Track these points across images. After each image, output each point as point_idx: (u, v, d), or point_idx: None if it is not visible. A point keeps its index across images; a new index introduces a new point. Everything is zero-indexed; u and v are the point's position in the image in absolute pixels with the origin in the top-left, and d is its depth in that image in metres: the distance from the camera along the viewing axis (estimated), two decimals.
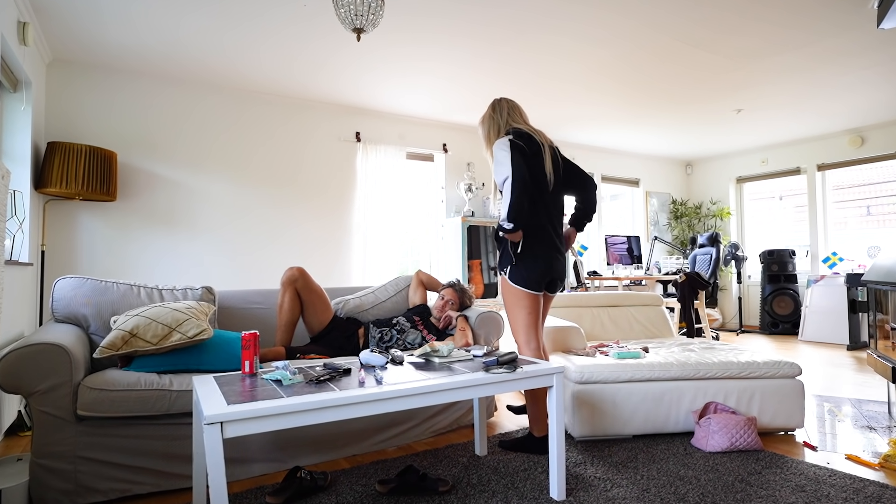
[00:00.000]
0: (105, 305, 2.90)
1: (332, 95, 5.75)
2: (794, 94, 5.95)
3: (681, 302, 6.45)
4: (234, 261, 5.45)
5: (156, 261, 5.05)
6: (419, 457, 2.94)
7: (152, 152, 5.09)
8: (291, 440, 2.82)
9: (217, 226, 5.37)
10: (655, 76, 5.32)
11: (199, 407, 1.93)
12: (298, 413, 1.85)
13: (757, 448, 2.98)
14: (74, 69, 4.76)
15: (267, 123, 5.69)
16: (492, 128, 3.01)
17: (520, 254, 2.87)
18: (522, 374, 2.32)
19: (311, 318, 3.44)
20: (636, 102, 6.16)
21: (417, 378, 2.19)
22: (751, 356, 3.37)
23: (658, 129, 7.39)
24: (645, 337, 4.43)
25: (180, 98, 5.23)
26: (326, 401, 1.89)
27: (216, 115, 5.41)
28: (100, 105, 4.87)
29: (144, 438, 2.52)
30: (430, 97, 5.87)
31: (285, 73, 5.06)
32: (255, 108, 5.62)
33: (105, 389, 2.42)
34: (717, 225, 9.17)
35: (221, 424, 1.72)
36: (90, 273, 4.74)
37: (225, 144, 5.45)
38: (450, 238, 6.63)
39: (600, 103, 6.17)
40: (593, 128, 7.25)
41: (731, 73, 5.27)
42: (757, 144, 8.40)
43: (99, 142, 4.83)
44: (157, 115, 5.12)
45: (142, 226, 5.01)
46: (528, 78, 5.31)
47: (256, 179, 5.61)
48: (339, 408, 1.92)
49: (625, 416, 3.15)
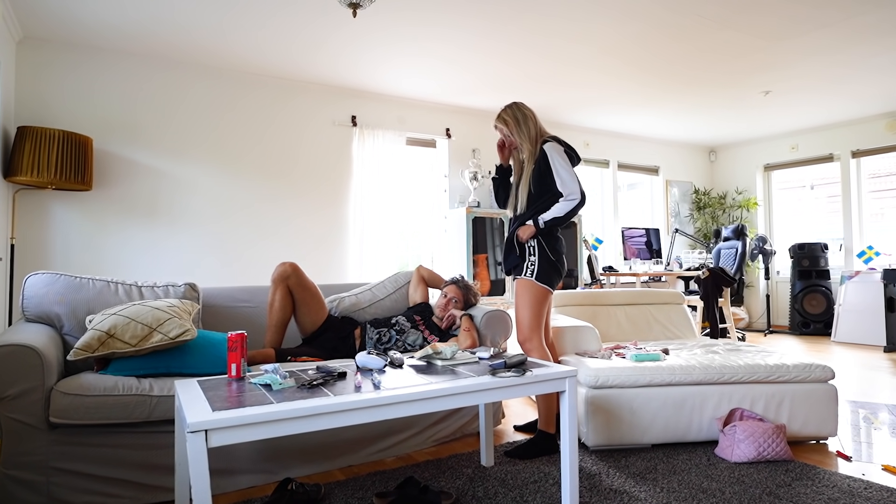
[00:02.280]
0: (80, 304, 2.90)
1: (325, 76, 5.73)
2: (826, 74, 5.92)
3: (704, 300, 6.44)
4: (220, 255, 5.45)
5: (135, 255, 5.05)
6: (420, 468, 2.93)
7: (131, 138, 5.08)
8: (282, 450, 2.82)
9: (201, 217, 5.37)
10: (675, 56, 5.29)
11: (182, 413, 1.93)
12: (289, 420, 1.84)
13: (786, 458, 2.96)
14: (47, 47, 4.75)
15: (255, 106, 5.68)
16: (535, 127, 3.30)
17: (548, 254, 3.20)
18: (532, 378, 2.31)
19: (303, 317, 3.43)
20: (655, 84, 6.13)
21: (418, 382, 2.18)
22: (780, 359, 3.35)
23: (679, 113, 7.36)
24: (665, 338, 4.42)
25: (162, 79, 5.22)
26: (320, 407, 1.88)
27: (202, 97, 5.40)
28: (75, 86, 4.86)
29: (122, 447, 2.51)
30: (433, 78, 5.85)
31: (277, 51, 5.05)
32: (242, 90, 5.61)
33: (80, 395, 2.41)
34: (743, 216, 9.14)
35: (206, 432, 1.71)
36: (64, 268, 4.75)
37: (210, 129, 5.44)
38: (453, 231, 6.61)
39: (616, 85, 6.15)
40: (608, 112, 7.22)
41: (757, 52, 5.24)
42: (786, 129, 8.36)
43: (73, 126, 4.83)
44: (136, 97, 5.11)
45: (120, 217, 5.00)
46: (536, 59, 5.29)
47: (244, 167, 5.60)
48: (333, 415, 1.91)
49: (643, 423, 3.14)
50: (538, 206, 3.18)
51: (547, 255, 3.19)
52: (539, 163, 3.18)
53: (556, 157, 3.16)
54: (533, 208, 3.19)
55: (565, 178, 3.13)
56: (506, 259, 3.34)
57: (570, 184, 3.13)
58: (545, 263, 3.18)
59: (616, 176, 8.46)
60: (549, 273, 3.18)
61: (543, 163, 3.16)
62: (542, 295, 3.20)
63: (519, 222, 3.25)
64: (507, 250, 3.31)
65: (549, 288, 3.20)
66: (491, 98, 6.55)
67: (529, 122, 3.27)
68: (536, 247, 3.20)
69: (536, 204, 3.19)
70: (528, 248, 3.21)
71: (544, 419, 3.18)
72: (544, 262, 3.18)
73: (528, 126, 3.27)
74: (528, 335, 3.21)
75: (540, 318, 3.21)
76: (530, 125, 3.27)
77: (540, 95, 6.47)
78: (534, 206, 3.19)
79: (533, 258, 3.19)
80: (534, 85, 6.10)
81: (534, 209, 3.19)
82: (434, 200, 6.92)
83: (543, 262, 3.18)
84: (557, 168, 3.14)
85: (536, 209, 3.17)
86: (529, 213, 3.20)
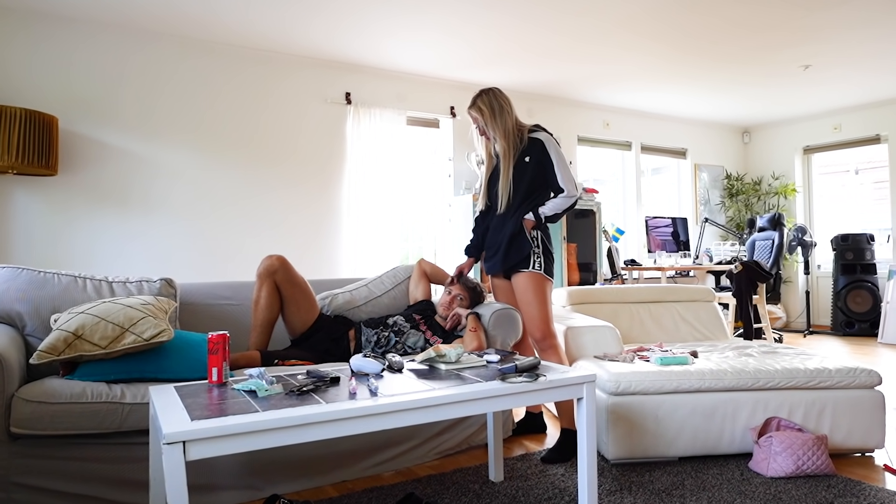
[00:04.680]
0: (44, 301, 2.90)
1: (317, 48, 5.71)
2: (872, 48, 5.89)
3: (737, 297, 6.43)
4: (200, 247, 5.45)
5: (106, 247, 5.05)
6: (422, 483, 2.93)
7: (102, 117, 5.07)
8: (268, 463, 2.82)
9: (179, 205, 5.36)
10: (704, 25, 5.26)
11: (158, 423, 1.92)
12: (276, 431, 1.84)
13: (828, 472, 2.95)
14: (11, 17, 4.74)
15: (240, 82, 5.67)
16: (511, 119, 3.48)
17: (548, 246, 3.47)
18: (546, 384, 2.30)
19: (292, 316, 3.43)
20: (679, 59, 6.10)
21: (419, 388, 2.18)
22: (820, 362, 3.34)
23: (709, 90, 7.34)
24: (693, 339, 4.41)
25: (136, 51, 5.21)
26: (310, 416, 1.88)
27: (181, 73, 5.39)
28: (40, 60, 4.85)
29: (91, 461, 2.51)
30: (435, 51, 5.82)
31: (266, 21, 5.03)
32: (226, 64, 5.60)
33: (44, 402, 2.41)
34: (780, 204, 9.12)
35: (184, 444, 1.71)
36: (26, 262, 4.75)
37: (189, 108, 5.43)
38: (458, 219, 6.61)
39: (638, 58, 6.12)
40: (629, 88, 7.20)
41: (796, 21, 5.21)
42: (828, 107, 8.33)
43: (38, 104, 4.82)
44: (107, 72, 5.10)
45: (88, 205, 5.00)
46: (548, 32, 5.26)
47: (226, 150, 5.60)
48: (325, 424, 1.91)
49: (669, 433, 3.13)
50: (535, 199, 3.43)
51: (547, 247, 3.47)
52: (537, 155, 3.40)
53: (554, 152, 3.40)
54: (531, 201, 3.43)
55: (567, 175, 3.38)
56: (506, 257, 3.47)
57: (570, 180, 3.38)
58: (548, 256, 3.45)
59: (639, 159, 8.44)
60: (551, 266, 3.46)
61: (542, 155, 3.39)
62: (550, 288, 3.44)
63: (516, 217, 3.43)
64: (508, 247, 3.44)
65: (551, 279, 3.46)
66: (501, 73, 6.53)
67: (506, 115, 3.45)
68: (538, 239, 3.45)
69: (533, 197, 3.43)
70: (533, 240, 3.42)
71: (567, 417, 3.31)
72: (547, 255, 3.45)
73: (504, 118, 3.45)
74: (546, 331, 3.38)
75: (551, 313, 3.42)
76: (506, 118, 3.45)
77: (554, 70, 6.45)
78: (531, 200, 3.43)
79: (538, 250, 3.42)
80: (548, 57, 6.08)
81: (532, 202, 3.42)
82: (437, 187, 6.91)
83: (546, 255, 3.44)
84: (557, 163, 3.38)
85: (535, 203, 3.42)
86: (528, 205, 3.43)
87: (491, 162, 3.62)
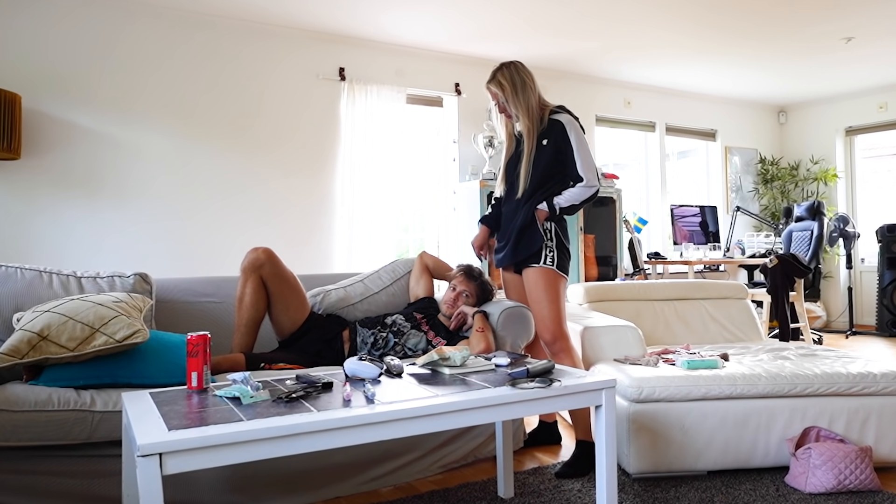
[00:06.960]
0: (5, 298, 2.91)
1: (306, 19, 5.69)
2: None
3: (772, 294, 6.42)
4: (178, 239, 5.44)
5: (74, 238, 5.05)
6: (423, 499, 2.94)
7: (69, 94, 5.06)
8: (254, 478, 2.82)
9: (154, 192, 5.36)
10: None
11: (131, 433, 1.92)
12: (263, 442, 1.84)
13: (873, 488, 2.95)
14: None
15: (222, 56, 5.64)
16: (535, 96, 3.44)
17: (563, 240, 3.45)
18: (561, 390, 2.29)
19: (280, 315, 3.43)
20: (710, 29, 6.07)
21: (421, 395, 2.18)
22: (864, 366, 3.33)
23: (741, 66, 7.32)
24: (724, 340, 4.41)
25: (107, 21, 5.19)
26: (300, 426, 1.88)
27: (156, 45, 5.37)
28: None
29: (58, 475, 2.52)
30: (439, 21, 5.80)
31: None
32: (207, 36, 5.58)
33: (5, 410, 2.42)
34: (819, 191, 9.10)
35: (160, 456, 1.71)
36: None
37: (166, 85, 5.41)
38: (464, 208, 6.60)
39: (662, 29, 6.09)
40: (653, 64, 7.18)
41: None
42: (873, 84, 8.31)
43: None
44: (76, 44, 5.08)
45: (56, 192, 5.00)
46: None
47: (207, 131, 5.58)
48: (316, 434, 1.91)
49: (697, 445, 3.13)
50: (550, 187, 3.39)
51: (562, 241, 3.44)
52: (556, 138, 3.36)
53: (575, 136, 3.36)
54: (545, 189, 3.39)
55: (588, 162, 3.36)
56: (515, 250, 3.44)
57: (591, 168, 3.36)
58: (562, 251, 3.43)
59: (664, 141, 8.42)
60: (565, 261, 3.45)
61: (562, 139, 3.35)
62: (564, 286, 3.44)
63: (528, 206, 3.39)
64: (518, 240, 3.42)
65: (566, 275, 3.46)
66: (510, 46, 6.50)
67: (528, 91, 3.40)
68: (552, 232, 3.42)
69: (549, 185, 3.39)
70: (546, 232, 3.40)
71: (582, 428, 3.30)
72: (561, 250, 3.43)
73: (528, 95, 3.39)
74: (558, 333, 3.37)
75: (565, 312, 3.43)
76: (529, 94, 3.40)
77: (568, 43, 6.43)
78: (546, 188, 3.39)
79: (551, 244, 3.40)
80: (561, 30, 6.06)
81: (546, 191, 3.38)
82: (441, 172, 6.90)
83: (560, 250, 3.42)
84: (578, 148, 3.34)
85: (550, 192, 3.38)
86: (541, 194, 3.39)
87: (511, 143, 3.57)
